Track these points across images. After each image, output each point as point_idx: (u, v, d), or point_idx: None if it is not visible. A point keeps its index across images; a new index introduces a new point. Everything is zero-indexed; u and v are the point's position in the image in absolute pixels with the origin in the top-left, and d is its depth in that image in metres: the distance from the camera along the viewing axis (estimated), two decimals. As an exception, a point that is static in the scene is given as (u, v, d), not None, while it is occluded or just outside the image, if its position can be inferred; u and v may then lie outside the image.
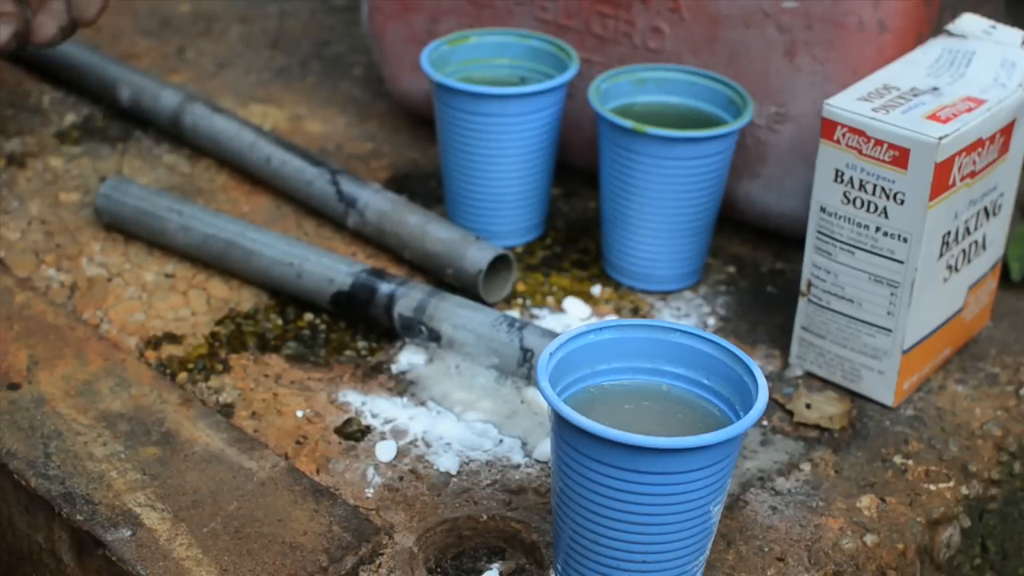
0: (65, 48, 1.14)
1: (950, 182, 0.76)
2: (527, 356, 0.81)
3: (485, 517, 0.73)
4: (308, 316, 0.89)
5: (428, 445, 0.78)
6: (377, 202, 0.95)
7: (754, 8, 0.90)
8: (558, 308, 0.90)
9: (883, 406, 0.82)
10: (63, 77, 1.15)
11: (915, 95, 0.78)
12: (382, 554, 0.70)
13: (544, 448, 0.77)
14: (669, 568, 0.64)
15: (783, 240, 0.98)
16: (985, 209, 0.82)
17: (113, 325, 0.88)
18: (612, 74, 0.92)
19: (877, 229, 0.78)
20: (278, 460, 0.76)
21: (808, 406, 0.82)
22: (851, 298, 0.80)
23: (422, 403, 0.81)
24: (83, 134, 1.09)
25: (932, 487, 0.76)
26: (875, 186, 0.77)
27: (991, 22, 0.84)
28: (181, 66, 1.21)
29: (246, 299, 0.91)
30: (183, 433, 0.78)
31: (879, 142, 0.76)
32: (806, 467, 0.77)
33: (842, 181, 0.78)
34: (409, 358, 0.85)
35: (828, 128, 0.78)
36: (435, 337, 0.84)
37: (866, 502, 0.75)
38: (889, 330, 0.79)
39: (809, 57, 0.90)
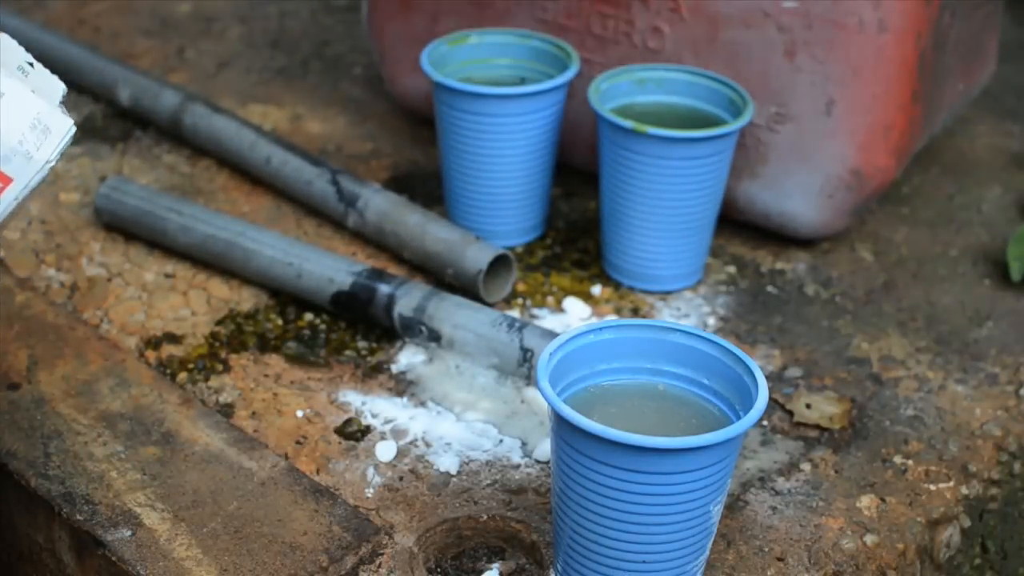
0: (65, 48, 1.14)
1: None
2: (527, 356, 0.81)
3: (485, 517, 0.73)
4: (308, 316, 0.89)
5: (428, 445, 0.78)
6: (377, 202, 0.95)
7: (754, 8, 0.90)
8: (558, 308, 0.90)
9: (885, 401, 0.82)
10: (63, 77, 1.15)
11: None
12: (382, 554, 0.70)
13: (544, 448, 0.77)
14: (669, 568, 0.64)
15: (783, 240, 0.98)
16: None
17: (113, 325, 0.88)
18: (612, 74, 0.92)
19: None
20: (278, 460, 0.76)
21: (808, 406, 0.82)
22: None
23: (422, 403, 0.81)
24: (83, 134, 1.09)
25: (932, 487, 0.76)
26: None
27: (31, 58, 0.65)
28: (181, 66, 1.21)
29: (246, 299, 0.91)
30: (183, 433, 0.78)
31: None
32: (806, 467, 0.77)
33: None
34: (409, 358, 0.85)
35: None
36: (435, 337, 0.84)
37: (866, 502, 0.75)
38: None
39: (809, 57, 0.90)
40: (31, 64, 0.64)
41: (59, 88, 0.64)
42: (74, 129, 0.63)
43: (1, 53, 0.63)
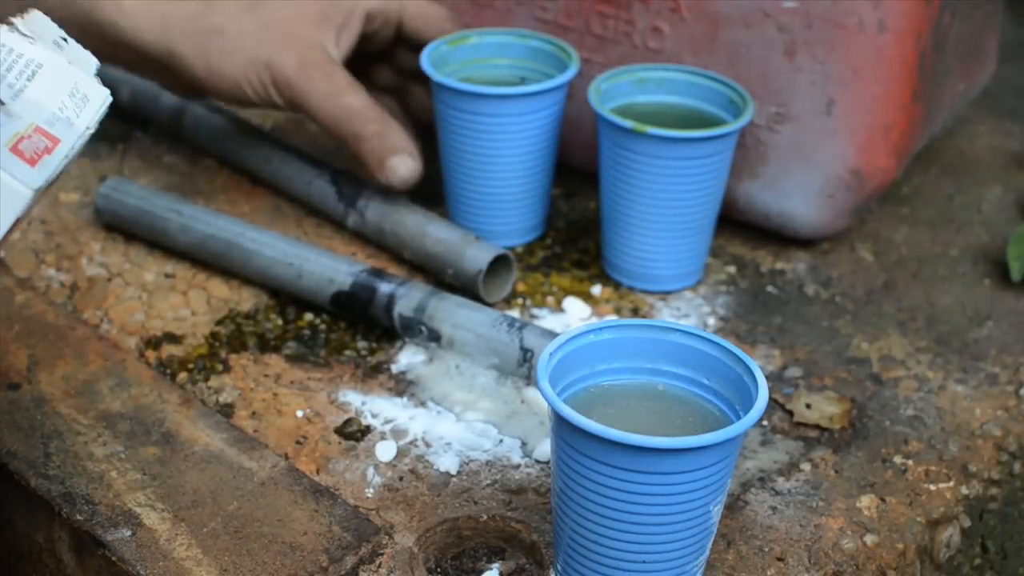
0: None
1: None
2: (527, 356, 0.81)
3: (485, 517, 0.73)
4: (308, 316, 0.89)
5: (428, 445, 0.78)
6: (377, 202, 0.95)
7: (754, 8, 0.91)
8: (558, 308, 0.90)
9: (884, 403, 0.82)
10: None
11: None
12: (382, 554, 0.70)
13: (544, 448, 0.77)
14: (669, 568, 0.64)
15: (783, 240, 0.98)
16: None
17: (113, 325, 0.88)
18: (612, 74, 0.92)
19: None
20: (278, 460, 0.76)
21: (808, 406, 0.82)
22: None
23: (422, 403, 0.81)
24: (83, 134, 1.09)
25: (932, 487, 0.76)
26: None
27: (64, 33, 0.66)
28: (181, 66, 1.21)
29: (246, 299, 0.91)
30: (183, 433, 0.78)
31: None
32: (806, 467, 0.77)
33: None
34: (409, 358, 0.85)
35: None
36: (435, 337, 0.84)
37: (866, 502, 0.75)
38: None
39: (809, 57, 0.90)
40: (64, 39, 0.66)
41: (92, 62, 0.67)
42: (110, 99, 0.65)
43: (38, 27, 0.65)
